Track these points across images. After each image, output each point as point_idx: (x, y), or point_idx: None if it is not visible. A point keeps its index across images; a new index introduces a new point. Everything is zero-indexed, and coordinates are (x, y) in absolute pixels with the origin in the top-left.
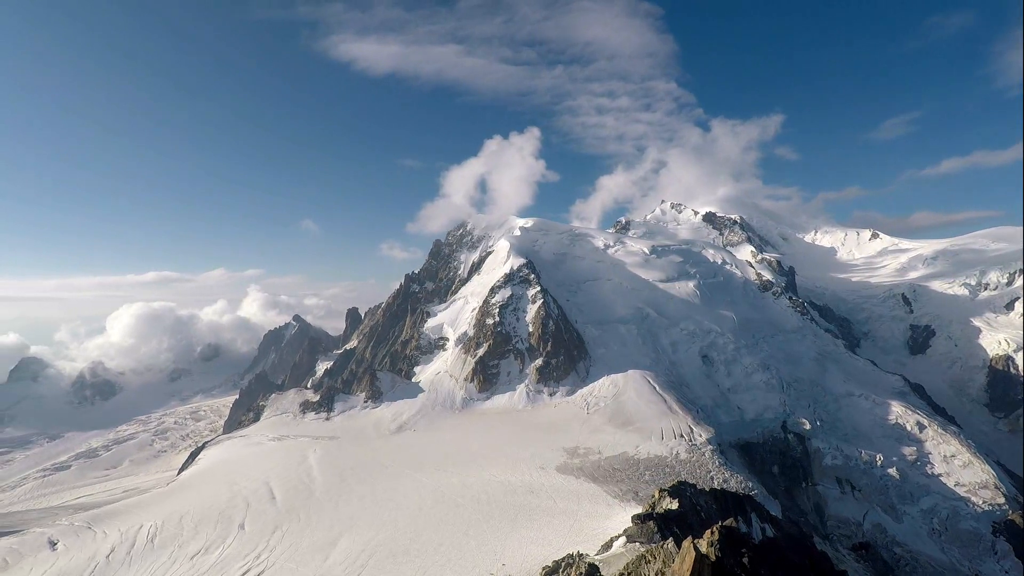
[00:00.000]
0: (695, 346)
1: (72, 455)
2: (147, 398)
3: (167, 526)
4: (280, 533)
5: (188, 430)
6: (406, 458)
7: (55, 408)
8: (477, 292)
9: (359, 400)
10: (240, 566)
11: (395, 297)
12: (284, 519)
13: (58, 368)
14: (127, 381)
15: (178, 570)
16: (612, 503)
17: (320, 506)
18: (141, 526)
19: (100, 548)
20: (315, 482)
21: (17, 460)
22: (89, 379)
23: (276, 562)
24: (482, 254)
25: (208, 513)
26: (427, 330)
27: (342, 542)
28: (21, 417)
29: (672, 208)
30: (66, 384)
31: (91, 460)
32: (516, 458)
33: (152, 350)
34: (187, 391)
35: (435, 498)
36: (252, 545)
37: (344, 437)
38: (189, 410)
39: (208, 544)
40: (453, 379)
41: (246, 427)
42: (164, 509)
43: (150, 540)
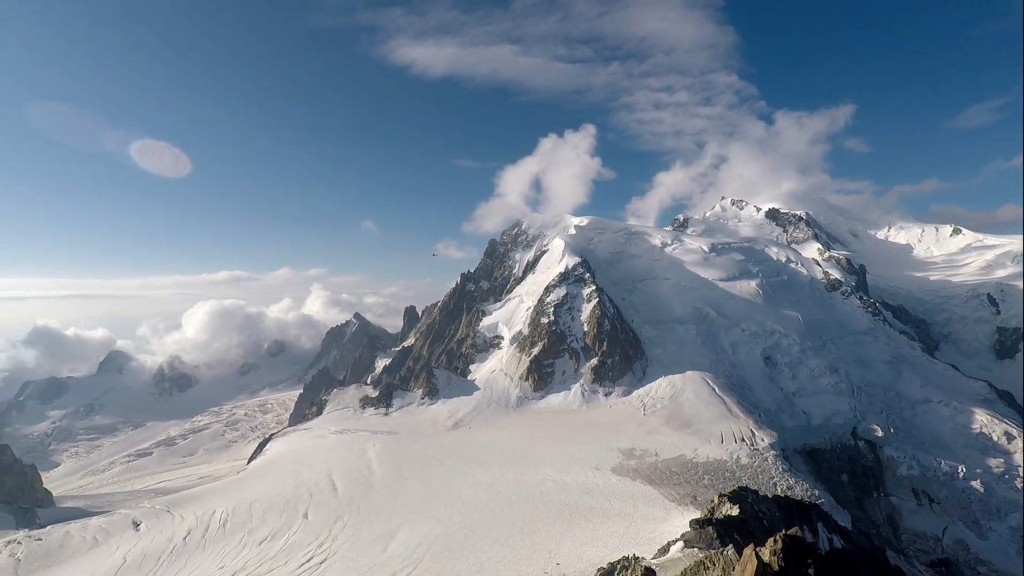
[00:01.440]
0: (757, 347)
1: (153, 443)
2: (219, 391)
3: (238, 512)
4: (341, 523)
5: (256, 422)
6: (462, 455)
7: (138, 399)
8: (532, 291)
9: (416, 396)
10: (304, 553)
11: (451, 296)
12: (345, 510)
13: (140, 361)
14: (201, 374)
15: (247, 554)
16: (669, 506)
17: (379, 499)
18: (214, 511)
19: (178, 530)
20: (374, 475)
21: (105, 446)
22: (168, 372)
23: (337, 551)
24: (537, 253)
25: (275, 502)
26: (482, 329)
27: (400, 534)
28: (109, 406)
29: (733, 205)
30: (147, 376)
31: (170, 448)
32: (571, 458)
33: (223, 345)
34: (255, 385)
35: (490, 495)
36: (315, 534)
37: (402, 432)
38: (257, 403)
39: (275, 531)
40: (508, 377)
41: (310, 420)
42: (235, 496)
43: (222, 525)
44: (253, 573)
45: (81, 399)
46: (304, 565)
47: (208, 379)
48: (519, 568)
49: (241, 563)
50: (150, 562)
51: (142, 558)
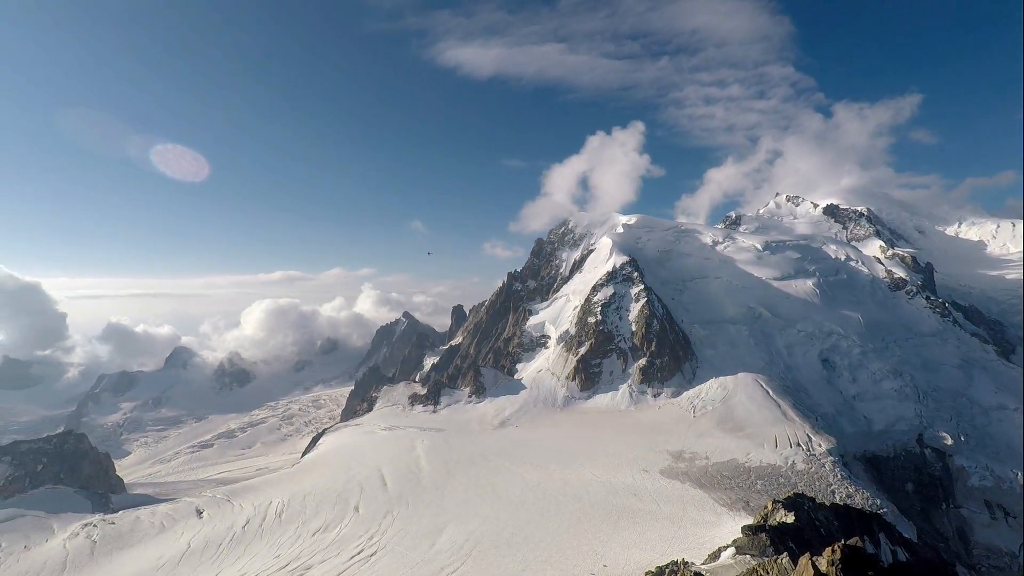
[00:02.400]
0: (814, 349)
1: (214, 435)
2: (276, 386)
3: (292, 503)
4: (391, 518)
5: (310, 417)
6: (508, 453)
7: (201, 393)
8: (579, 290)
9: (464, 394)
10: (355, 545)
11: (498, 295)
12: (394, 504)
13: (203, 357)
14: (259, 370)
15: (302, 545)
16: (720, 511)
17: (427, 494)
18: (271, 502)
19: (237, 519)
20: (423, 471)
21: (171, 437)
22: (228, 368)
23: (387, 545)
24: (584, 252)
25: (327, 494)
26: (529, 328)
27: (448, 530)
28: (174, 400)
29: (788, 201)
30: (209, 372)
31: (230, 440)
32: (618, 459)
33: (279, 343)
34: (309, 381)
35: (536, 494)
36: (365, 527)
37: (449, 429)
38: (311, 398)
39: (327, 523)
40: (555, 377)
41: (360, 416)
42: (290, 488)
43: (278, 515)
44: (307, 563)
45: (150, 392)
46: (355, 557)
47: (265, 375)
48: (566, 568)
49: (296, 553)
50: (212, 548)
51: (204, 544)
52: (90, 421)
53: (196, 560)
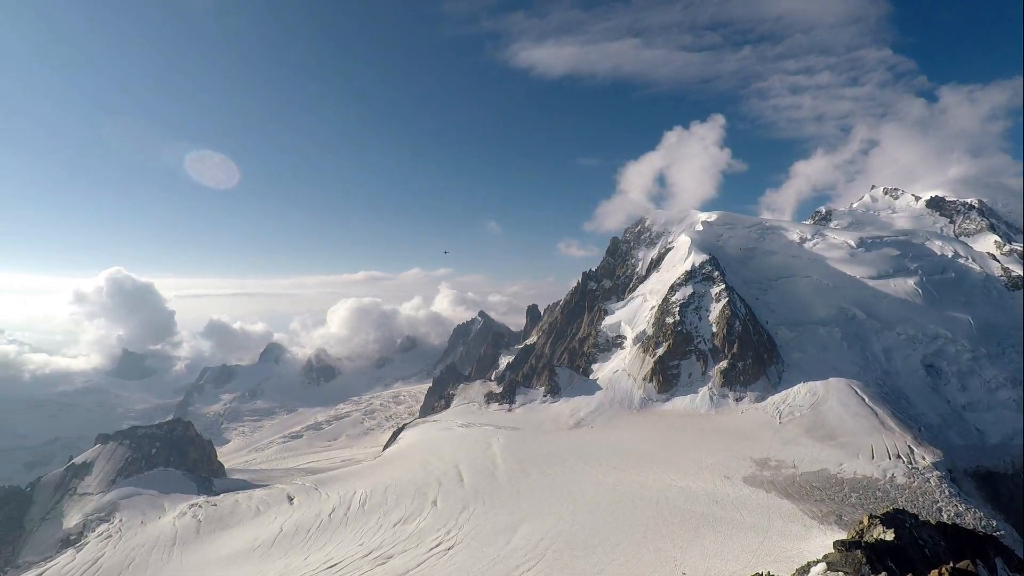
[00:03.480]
0: (916, 353)
1: (303, 427)
2: (359, 382)
3: (374, 495)
4: (467, 513)
5: (391, 412)
6: (584, 454)
7: (291, 386)
8: (656, 290)
9: (539, 394)
10: (433, 538)
11: (573, 294)
12: (471, 500)
13: (293, 353)
14: (343, 366)
15: (383, 535)
16: (809, 524)
17: (503, 492)
18: (355, 492)
19: (324, 507)
20: (498, 469)
21: (265, 427)
22: (315, 364)
23: (463, 539)
24: (661, 251)
25: (407, 487)
26: (604, 328)
27: (523, 528)
28: (268, 393)
29: (886, 194)
30: (299, 367)
31: (317, 432)
32: (698, 464)
33: (362, 340)
34: (389, 377)
35: (612, 497)
36: (443, 521)
37: (525, 428)
38: (391, 394)
39: (407, 515)
40: (631, 378)
41: (438, 413)
42: (372, 480)
43: (361, 505)
44: (388, 552)
45: (246, 385)
46: (433, 550)
47: (349, 371)
48: (643, 574)
49: (378, 542)
50: (301, 533)
51: (295, 529)
52: (195, 410)
53: (287, 543)
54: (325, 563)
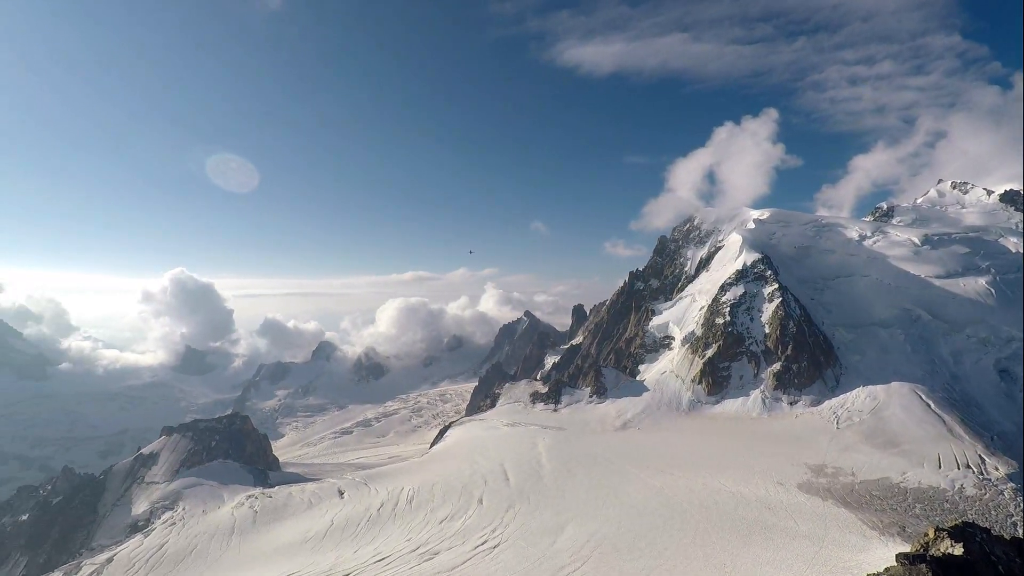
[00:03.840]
0: (988, 357)
1: (353, 423)
2: (407, 380)
3: (421, 491)
4: (512, 512)
5: (438, 410)
6: (630, 456)
7: (342, 383)
8: (705, 290)
9: (584, 394)
10: (479, 536)
11: (619, 294)
12: (516, 499)
13: (343, 351)
14: (392, 364)
15: (430, 531)
16: (869, 535)
17: (548, 492)
18: (403, 488)
19: (373, 502)
20: (543, 469)
21: (317, 423)
22: (364, 362)
23: (509, 538)
24: (711, 250)
25: (453, 485)
26: (652, 328)
27: (568, 529)
28: (320, 389)
29: (954, 188)
30: (349, 365)
31: (366, 429)
32: (749, 469)
33: (410, 339)
34: (436, 376)
35: (660, 500)
36: (489, 519)
37: (570, 429)
38: (438, 393)
39: (453, 512)
40: (679, 380)
41: (484, 412)
42: (419, 476)
43: (409, 501)
44: (435, 548)
45: (299, 381)
46: (479, 548)
47: (397, 369)
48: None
49: (425, 538)
50: (351, 527)
51: (345, 522)
52: (252, 405)
53: (338, 536)
54: (374, 556)
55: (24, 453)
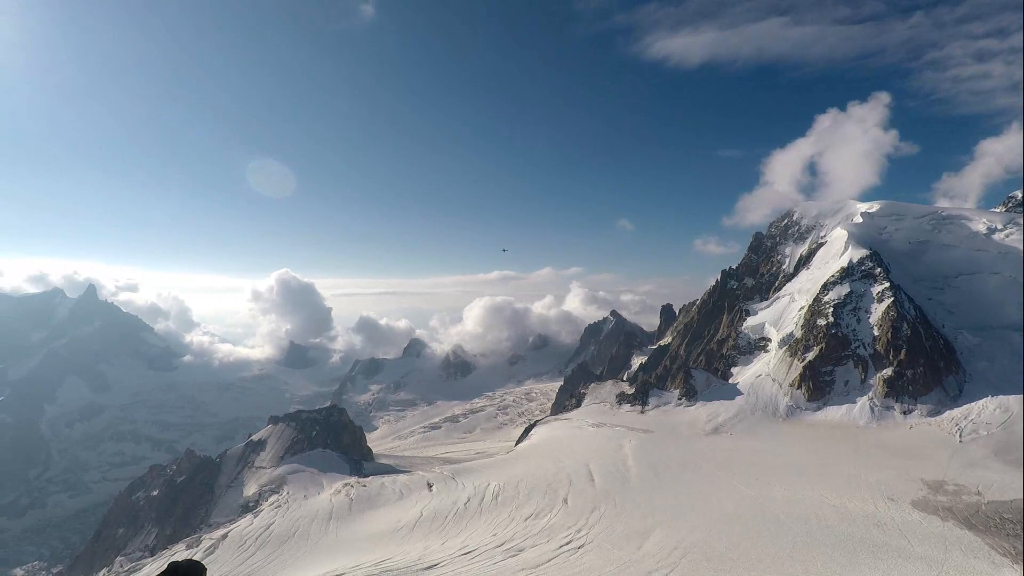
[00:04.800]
0: None
1: (442, 418)
2: (492, 378)
3: (507, 488)
4: (598, 514)
5: (523, 408)
6: (721, 461)
7: (431, 380)
8: (806, 289)
9: (673, 396)
10: (563, 536)
11: (710, 294)
12: (601, 501)
13: (432, 349)
14: (478, 362)
15: (515, 528)
16: (999, 562)
17: (634, 495)
18: (488, 484)
19: (460, 496)
20: (630, 471)
21: (408, 417)
22: (452, 359)
23: (594, 540)
24: (812, 246)
25: (538, 483)
26: (746, 329)
27: (655, 534)
28: (410, 385)
29: None
30: (438, 362)
31: (454, 424)
32: (855, 482)
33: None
34: (522, 375)
35: (754, 509)
36: (573, 519)
37: (658, 431)
38: (523, 391)
39: (538, 510)
40: (776, 384)
41: (569, 411)
42: (505, 473)
43: (494, 497)
44: (520, 545)
45: (391, 377)
46: (563, 547)
47: (483, 367)
48: None
49: (510, 534)
50: (439, 519)
51: (433, 515)
52: (348, 399)
53: (427, 528)
54: (461, 549)
55: (155, 435)
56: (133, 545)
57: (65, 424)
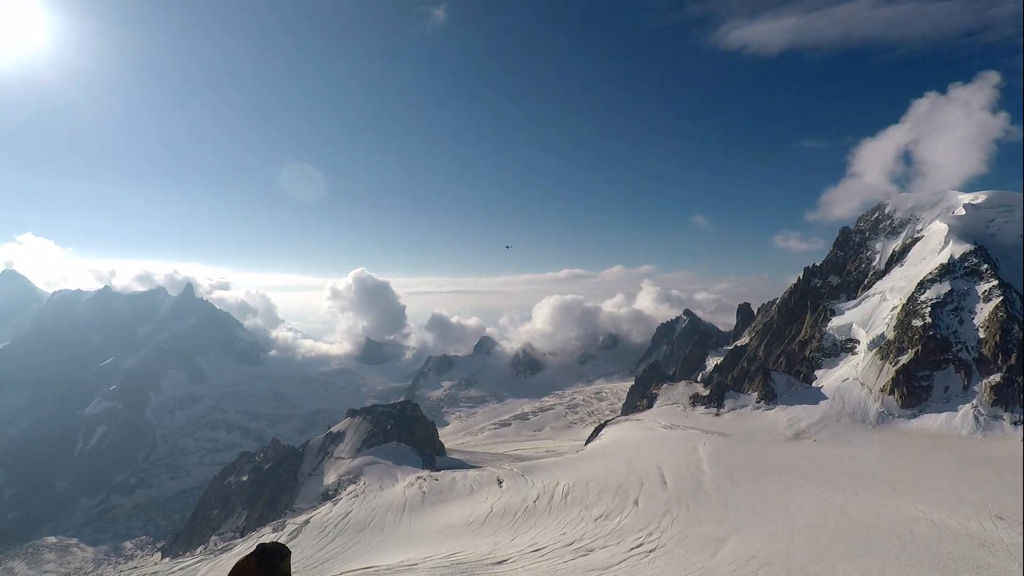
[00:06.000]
0: None
1: (511, 416)
2: (562, 376)
3: (576, 487)
4: (670, 518)
5: (593, 407)
6: (804, 469)
7: (501, 377)
8: (899, 287)
9: (750, 399)
10: (634, 538)
11: (792, 292)
12: (674, 505)
13: (502, 347)
14: (548, 361)
15: (584, 528)
16: None
17: (709, 500)
18: (558, 482)
19: (529, 493)
20: (704, 475)
21: (478, 414)
22: (521, 357)
23: (665, 544)
24: (906, 241)
25: (608, 484)
26: (831, 330)
27: (731, 542)
28: (481, 382)
29: None
30: (507, 359)
31: (523, 422)
32: (957, 497)
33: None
34: (591, 374)
35: (840, 521)
36: (644, 522)
37: (734, 435)
38: (593, 390)
39: (608, 511)
40: (865, 388)
41: (640, 412)
42: (575, 472)
43: (564, 496)
44: (589, 546)
45: (462, 374)
46: (634, 550)
47: (553, 365)
48: None
49: (579, 533)
50: (509, 515)
51: (503, 511)
52: (421, 394)
53: (496, 523)
54: (530, 546)
55: (244, 424)
56: (226, 526)
57: (167, 412)
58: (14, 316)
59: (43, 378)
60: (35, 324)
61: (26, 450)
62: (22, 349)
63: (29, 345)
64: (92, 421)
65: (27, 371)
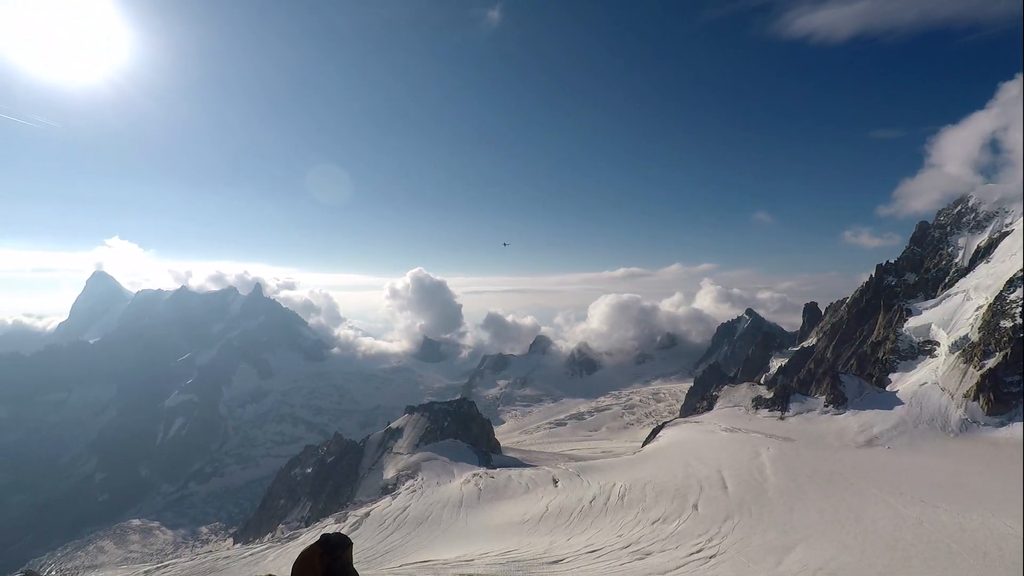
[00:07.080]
0: None
1: (567, 415)
2: (618, 377)
3: (633, 489)
4: (731, 523)
5: (650, 408)
6: (877, 478)
7: (556, 376)
8: (985, 285)
9: (818, 403)
10: (693, 544)
11: (863, 291)
12: (735, 510)
13: (557, 346)
14: (604, 360)
15: (641, 530)
16: None
17: (773, 507)
18: (614, 484)
19: (585, 494)
20: (767, 481)
21: (534, 412)
22: (577, 357)
23: (726, 551)
24: (993, 236)
25: (666, 487)
26: (907, 331)
27: (797, 551)
28: (536, 381)
29: None
30: (563, 359)
31: (579, 422)
32: None
33: (621, 336)
34: (649, 374)
35: (916, 534)
36: (704, 527)
37: (800, 440)
38: (651, 391)
39: (666, 515)
40: (946, 394)
41: (700, 414)
42: (631, 474)
43: (620, 498)
44: (647, 549)
45: (518, 373)
46: (693, 555)
47: (609, 365)
48: None
49: (636, 536)
50: (564, 515)
51: (559, 510)
52: (477, 392)
53: (552, 522)
54: (586, 546)
55: (308, 419)
56: (291, 515)
57: (238, 405)
58: (103, 314)
59: (128, 371)
60: (121, 322)
61: (114, 439)
62: (110, 345)
63: (116, 341)
64: (171, 413)
65: (115, 365)
